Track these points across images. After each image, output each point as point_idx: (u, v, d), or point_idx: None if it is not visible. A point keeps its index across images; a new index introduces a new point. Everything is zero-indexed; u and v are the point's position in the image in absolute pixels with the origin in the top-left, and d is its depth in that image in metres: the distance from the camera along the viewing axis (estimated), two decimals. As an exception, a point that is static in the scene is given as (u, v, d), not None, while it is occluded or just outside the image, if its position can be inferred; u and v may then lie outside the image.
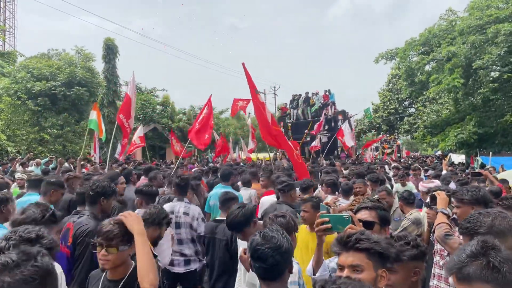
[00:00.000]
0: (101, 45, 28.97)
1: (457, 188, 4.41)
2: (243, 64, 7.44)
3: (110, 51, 28.85)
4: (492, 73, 23.72)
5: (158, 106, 32.82)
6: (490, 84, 23.02)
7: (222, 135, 19.19)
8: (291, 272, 2.13)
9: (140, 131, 14.53)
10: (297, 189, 5.34)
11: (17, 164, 11.64)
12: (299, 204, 4.35)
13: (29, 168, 12.26)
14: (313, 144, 17.47)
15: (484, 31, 20.50)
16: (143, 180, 7.09)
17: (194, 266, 4.63)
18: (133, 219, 2.32)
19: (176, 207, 4.68)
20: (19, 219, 2.67)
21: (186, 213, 4.62)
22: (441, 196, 3.36)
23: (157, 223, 3.25)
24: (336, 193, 5.93)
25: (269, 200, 5.70)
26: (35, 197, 4.59)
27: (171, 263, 4.43)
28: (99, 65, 27.67)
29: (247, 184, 6.82)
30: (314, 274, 2.55)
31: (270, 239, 2.05)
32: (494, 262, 1.41)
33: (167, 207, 4.55)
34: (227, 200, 4.33)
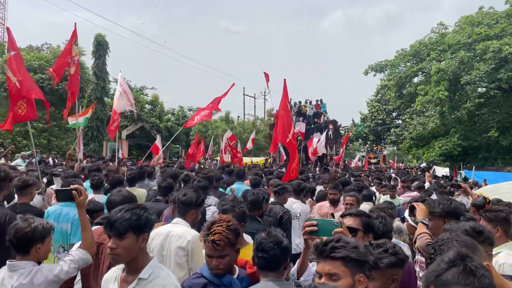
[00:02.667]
0: (92, 41, 28.82)
1: (429, 200, 4.41)
2: (284, 80, 8.34)
3: (101, 47, 28.61)
4: (479, 89, 24.15)
5: (146, 105, 32.63)
6: (476, 100, 23.42)
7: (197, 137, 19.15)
8: (285, 269, 2.53)
9: (158, 141, 15.19)
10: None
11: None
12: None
13: (15, 162, 12.11)
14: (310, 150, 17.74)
15: (473, 47, 20.88)
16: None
17: None
18: None
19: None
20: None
21: None
22: (420, 207, 3.39)
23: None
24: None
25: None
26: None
27: None
28: (89, 61, 27.48)
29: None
30: (298, 278, 2.56)
31: (273, 236, 2.53)
32: (470, 266, 1.47)
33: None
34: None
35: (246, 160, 22.72)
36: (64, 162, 11.32)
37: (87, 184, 5.72)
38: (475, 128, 22.67)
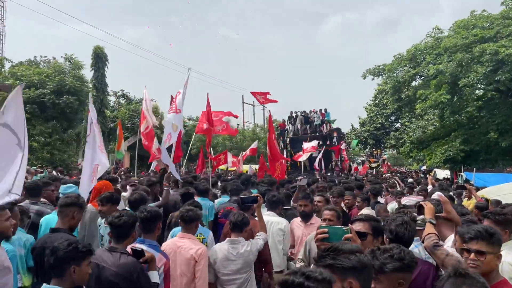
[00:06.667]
0: (91, 53, 28.96)
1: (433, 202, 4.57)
2: (269, 112, 10.77)
3: (99, 59, 28.78)
4: (477, 91, 24.26)
5: (147, 116, 32.65)
6: (475, 102, 23.52)
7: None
8: None
9: (156, 143, 15.62)
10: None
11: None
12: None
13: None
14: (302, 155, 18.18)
15: (470, 49, 21.03)
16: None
17: None
18: None
19: None
20: None
21: None
22: (428, 205, 3.38)
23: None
24: None
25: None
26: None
27: None
28: (88, 73, 27.58)
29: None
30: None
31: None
32: (461, 272, 1.99)
33: None
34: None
35: (246, 167, 22.87)
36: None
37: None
38: (475, 131, 22.69)
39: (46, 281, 2.70)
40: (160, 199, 6.60)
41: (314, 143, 18.51)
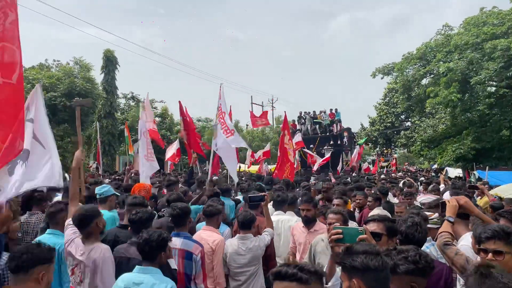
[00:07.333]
0: (101, 56, 29.18)
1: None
2: (285, 116, 11.48)
3: (110, 62, 29.01)
4: (489, 88, 23.95)
5: (156, 118, 32.89)
6: (487, 100, 23.26)
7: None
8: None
9: (176, 145, 16.65)
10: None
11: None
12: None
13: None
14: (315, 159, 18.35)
15: (481, 46, 20.80)
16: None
17: None
18: None
19: None
20: None
21: None
22: (450, 203, 3.27)
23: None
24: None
25: None
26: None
27: None
28: (98, 76, 27.71)
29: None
30: (327, 283, 2.64)
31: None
32: (483, 272, 1.95)
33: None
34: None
35: (255, 168, 22.98)
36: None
37: None
38: (487, 129, 22.40)
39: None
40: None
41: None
